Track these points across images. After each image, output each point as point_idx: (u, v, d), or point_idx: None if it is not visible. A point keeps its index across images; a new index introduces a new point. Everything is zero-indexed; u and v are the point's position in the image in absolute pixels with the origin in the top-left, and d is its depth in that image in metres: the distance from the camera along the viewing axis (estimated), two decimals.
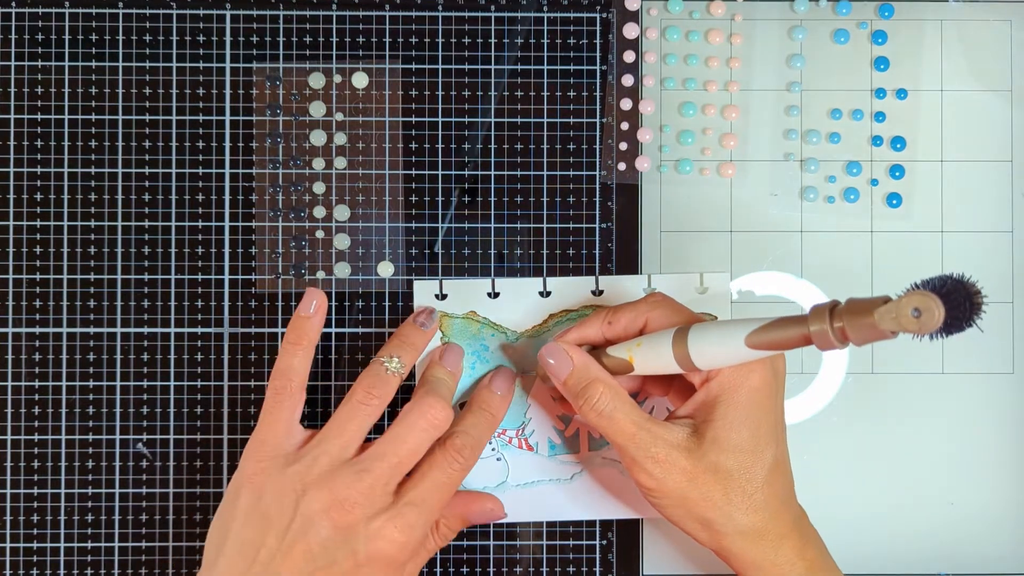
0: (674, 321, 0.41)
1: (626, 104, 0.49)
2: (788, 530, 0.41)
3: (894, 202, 0.49)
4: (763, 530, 0.40)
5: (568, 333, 0.44)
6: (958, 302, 0.31)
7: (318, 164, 0.49)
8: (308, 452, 0.41)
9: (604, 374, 0.41)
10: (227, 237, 0.49)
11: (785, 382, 0.42)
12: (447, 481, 0.42)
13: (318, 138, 0.49)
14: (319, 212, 0.49)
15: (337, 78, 0.49)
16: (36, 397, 0.48)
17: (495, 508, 0.46)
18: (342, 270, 0.49)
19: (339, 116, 0.49)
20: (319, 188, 0.49)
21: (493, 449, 0.48)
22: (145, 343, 0.48)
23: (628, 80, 0.49)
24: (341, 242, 0.49)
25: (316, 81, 0.49)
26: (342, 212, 0.49)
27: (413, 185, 0.49)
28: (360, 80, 0.49)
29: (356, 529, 0.40)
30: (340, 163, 0.49)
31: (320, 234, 0.49)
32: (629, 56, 0.49)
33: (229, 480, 0.48)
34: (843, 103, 0.49)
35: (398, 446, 0.41)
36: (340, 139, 0.49)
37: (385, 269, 0.49)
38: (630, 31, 0.49)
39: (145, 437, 0.48)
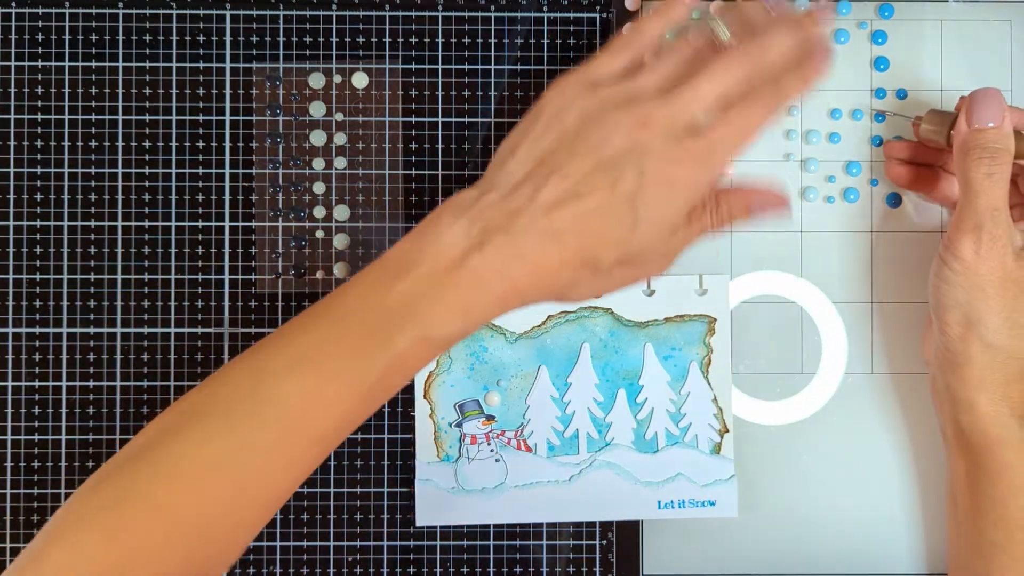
0: None
1: None
2: None
3: (894, 202, 0.49)
4: (1013, 358, 0.42)
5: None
6: None
7: (318, 164, 0.49)
8: (622, 82, 0.40)
9: (1013, 149, 0.42)
10: (227, 237, 0.49)
11: None
12: (742, 126, 0.39)
13: (318, 138, 0.49)
14: (319, 212, 0.49)
15: (337, 78, 0.49)
16: (36, 397, 0.48)
17: (780, 199, 0.43)
18: (342, 270, 0.49)
19: (339, 116, 0.49)
20: (319, 188, 0.49)
21: (492, 450, 0.48)
22: (145, 343, 0.48)
23: None
24: (341, 242, 0.49)
25: (316, 81, 0.49)
26: (342, 212, 0.49)
27: (413, 185, 0.49)
28: (360, 80, 0.49)
29: (647, 148, 0.38)
30: (340, 163, 0.49)
31: (320, 234, 0.49)
32: None
33: None
34: (843, 103, 0.49)
35: (704, 81, 0.39)
36: (340, 139, 0.49)
37: None
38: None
39: None
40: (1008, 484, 0.42)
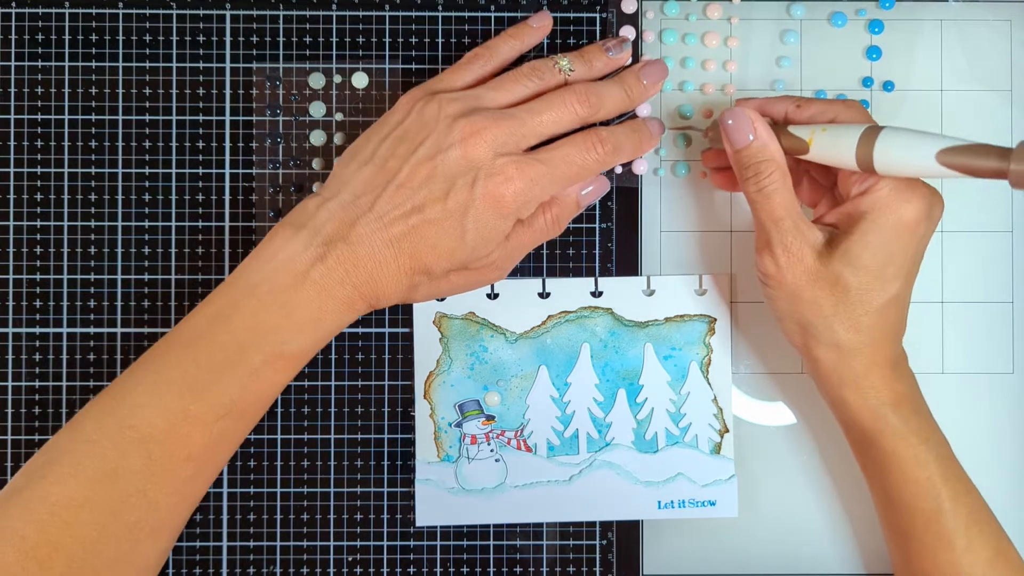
0: (865, 123, 0.41)
1: None
2: (883, 360, 0.42)
3: None
4: (856, 351, 0.42)
5: (750, 101, 0.45)
6: None
7: (318, 164, 0.49)
8: (465, 94, 0.43)
9: (780, 155, 0.42)
10: (227, 237, 0.49)
11: (933, 232, 0.42)
12: (578, 163, 0.42)
13: (318, 138, 0.49)
14: None
15: (337, 78, 0.49)
16: (36, 397, 0.48)
17: (603, 185, 0.46)
18: None
19: (339, 116, 0.49)
20: (319, 188, 0.49)
21: (492, 450, 0.48)
22: (145, 343, 0.48)
23: None
24: None
25: (316, 81, 0.49)
26: None
27: None
28: (360, 80, 0.49)
29: (481, 162, 0.41)
30: None
31: None
32: None
33: (227, 480, 0.48)
34: (830, 85, 0.49)
35: (545, 109, 0.42)
36: (340, 139, 0.49)
37: None
38: (627, 33, 0.49)
39: None
40: (898, 474, 0.42)
